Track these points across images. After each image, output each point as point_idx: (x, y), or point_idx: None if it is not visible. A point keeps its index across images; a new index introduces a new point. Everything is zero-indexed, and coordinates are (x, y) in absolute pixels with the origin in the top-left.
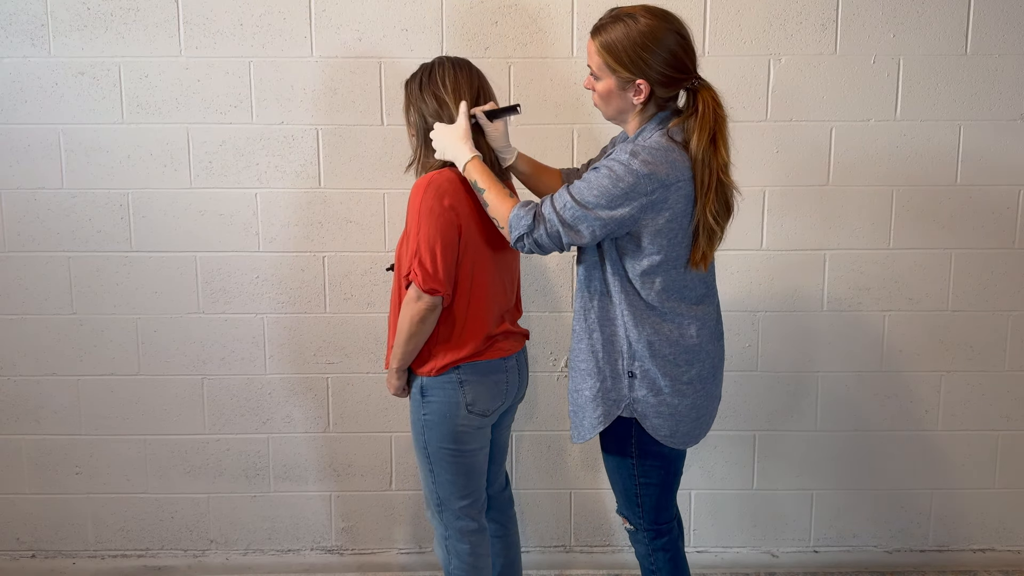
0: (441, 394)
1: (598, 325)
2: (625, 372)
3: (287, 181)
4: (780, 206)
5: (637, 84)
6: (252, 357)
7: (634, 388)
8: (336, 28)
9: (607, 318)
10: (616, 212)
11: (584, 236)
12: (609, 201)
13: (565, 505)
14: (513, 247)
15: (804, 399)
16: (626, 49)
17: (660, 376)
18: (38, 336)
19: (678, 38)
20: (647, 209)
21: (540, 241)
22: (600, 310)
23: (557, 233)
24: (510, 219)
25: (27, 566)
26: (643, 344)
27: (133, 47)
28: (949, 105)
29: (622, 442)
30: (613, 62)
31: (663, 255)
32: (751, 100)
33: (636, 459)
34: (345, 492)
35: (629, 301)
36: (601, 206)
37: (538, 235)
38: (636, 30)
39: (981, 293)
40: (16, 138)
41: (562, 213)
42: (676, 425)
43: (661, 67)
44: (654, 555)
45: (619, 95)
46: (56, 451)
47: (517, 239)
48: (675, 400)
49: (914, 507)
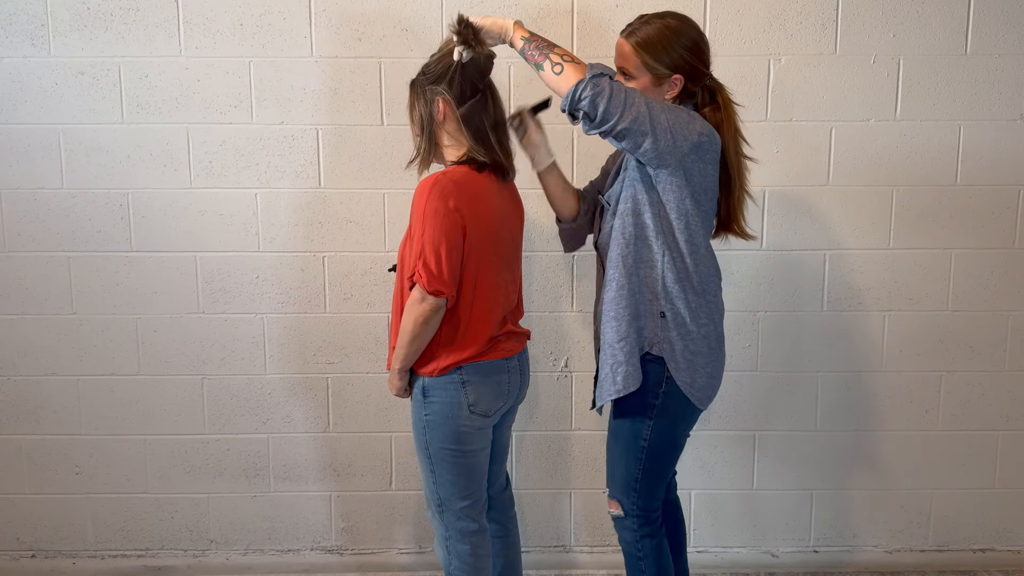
0: (443, 395)
1: (635, 268)
2: (658, 312)
3: (287, 181)
4: (780, 206)
5: (672, 79)
6: (252, 357)
7: (666, 328)
8: (336, 28)
9: (644, 260)
10: (678, 133)
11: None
12: (675, 120)
13: (565, 505)
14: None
15: (804, 399)
16: (664, 46)
17: (688, 319)
18: (38, 336)
19: (700, 34)
20: (696, 149)
21: (616, 91)
22: (636, 254)
23: (626, 99)
24: (593, 62)
25: (27, 566)
26: (679, 285)
27: (133, 47)
28: (949, 105)
29: (643, 393)
30: (651, 59)
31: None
32: (751, 100)
33: (654, 418)
34: (345, 492)
35: (668, 243)
36: (670, 121)
37: (619, 85)
38: (669, 28)
39: (981, 293)
40: (16, 138)
41: (644, 95)
42: (695, 374)
43: (692, 60)
44: (640, 541)
45: (654, 91)
46: (56, 451)
47: (599, 74)
48: (696, 346)
49: (914, 507)
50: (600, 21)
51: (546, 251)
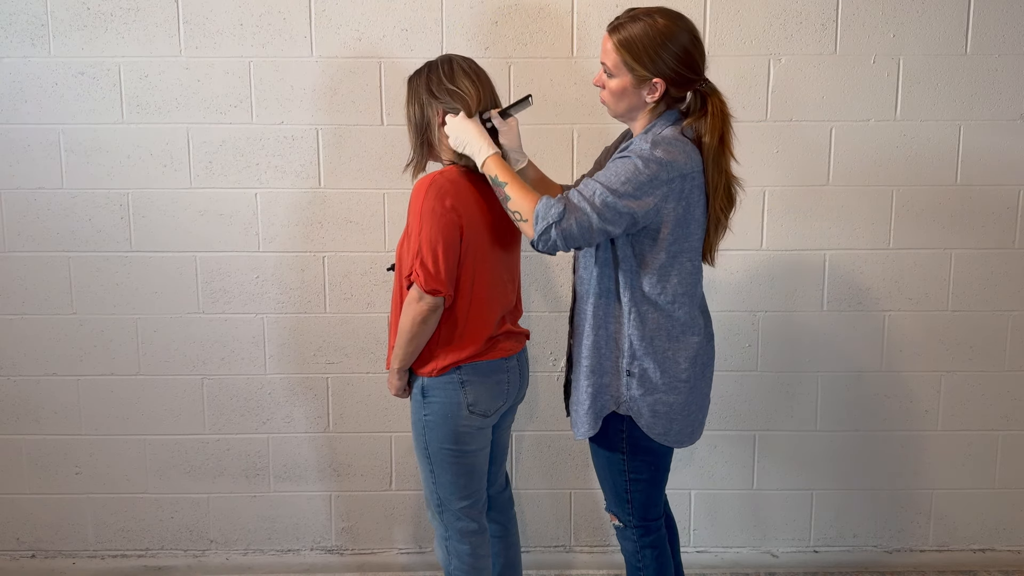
0: (442, 395)
1: (604, 323)
2: (624, 371)
3: (287, 181)
4: (780, 206)
5: (653, 82)
6: (252, 357)
7: (631, 387)
8: (336, 28)
9: (612, 316)
10: (643, 201)
11: (616, 228)
12: (636, 188)
13: (565, 505)
14: (535, 242)
15: (804, 399)
16: (645, 47)
17: (658, 374)
18: (38, 336)
19: (692, 39)
20: (668, 198)
21: (568, 232)
22: (606, 308)
23: (588, 225)
24: (537, 209)
25: (27, 566)
26: (645, 343)
27: (133, 47)
28: (949, 105)
29: (613, 439)
30: (631, 59)
31: (679, 246)
32: (751, 100)
33: (627, 455)
34: (345, 492)
35: (635, 300)
36: (629, 194)
37: (567, 225)
38: (655, 29)
39: (981, 293)
40: (16, 138)
41: (593, 200)
42: (670, 424)
43: (676, 66)
44: (641, 552)
45: (633, 93)
46: (56, 451)
47: (544, 230)
48: (670, 398)
49: (914, 507)
50: (600, 21)
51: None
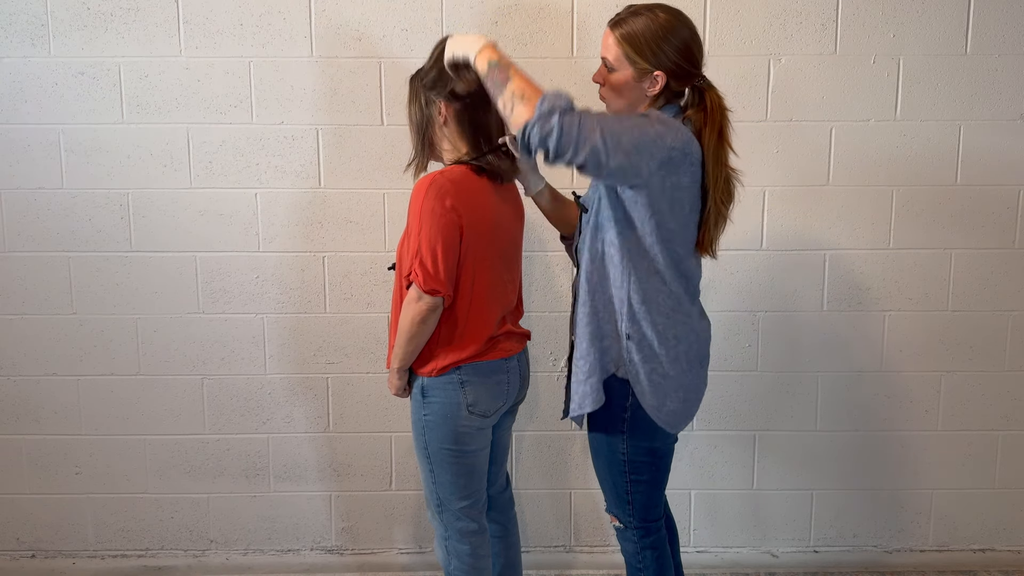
0: (442, 395)
1: (600, 287)
2: (624, 334)
3: (287, 181)
4: (780, 206)
5: (654, 75)
6: (252, 357)
7: (631, 350)
8: (336, 28)
9: (609, 279)
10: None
11: (610, 162)
12: (641, 136)
13: (565, 505)
14: (528, 125)
15: (804, 399)
16: (647, 40)
17: (656, 342)
18: (38, 336)
19: (692, 33)
20: (666, 164)
21: (569, 127)
22: (603, 271)
23: (589, 138)
24: (547, 92)
25: (27, 566)
26: (643, 309)
27: (133, 47)
28: (949, 105)
29: (615, 410)
30: (633, 52)
31: (675, 224)
32: (751, 100)
33: (626, 434)
34: (345, 492)
35: (635, 264)
36: (635, 140)
37: (571, 119)
38: (656, 22)
39: (981, 293)
40: (16, 138)
41: (604, 124)
42: (664, 398)
43: (677, 59)
44: (642, 553)
45: (634, 86)
46: (56, 451)
47: (547, 112)
48: (666, 368)
49: (914, 507)
50: (600, 21)
51: (546, 251)
